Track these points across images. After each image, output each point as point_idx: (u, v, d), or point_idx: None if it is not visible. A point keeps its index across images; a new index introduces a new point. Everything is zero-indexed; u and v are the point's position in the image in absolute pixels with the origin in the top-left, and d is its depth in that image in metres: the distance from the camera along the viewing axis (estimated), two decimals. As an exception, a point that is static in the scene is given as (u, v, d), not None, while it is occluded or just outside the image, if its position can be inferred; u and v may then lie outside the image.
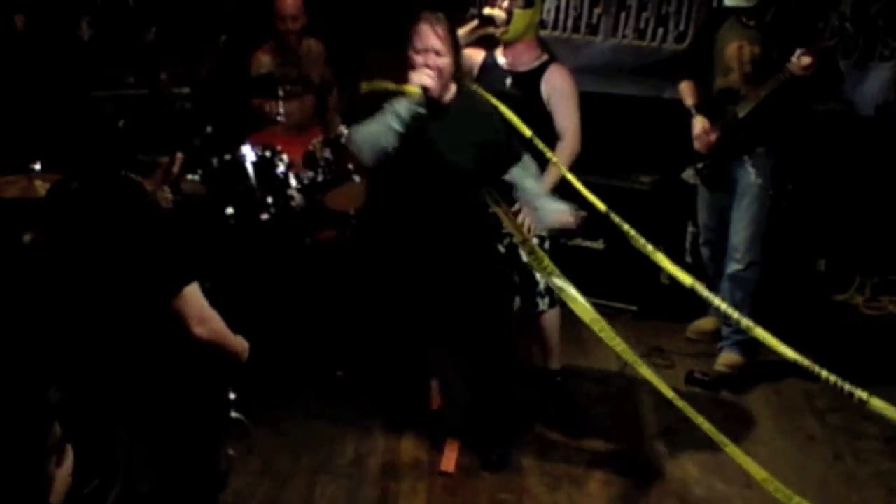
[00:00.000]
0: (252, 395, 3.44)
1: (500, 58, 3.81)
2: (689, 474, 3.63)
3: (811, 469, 3.71)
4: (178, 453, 2.91)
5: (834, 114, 4.82)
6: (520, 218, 3.61)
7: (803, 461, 3.76)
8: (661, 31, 5.24)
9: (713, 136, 4.16)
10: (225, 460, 3.19)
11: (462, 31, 3.68)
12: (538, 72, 3.73)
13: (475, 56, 3.82)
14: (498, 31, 3.69)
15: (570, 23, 5.32)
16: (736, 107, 4.10)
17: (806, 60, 3.81)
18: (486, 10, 3.70)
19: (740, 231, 4.18)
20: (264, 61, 4.94)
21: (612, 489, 3.54)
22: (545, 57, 3.77)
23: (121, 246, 2.69)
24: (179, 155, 2.96)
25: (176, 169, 2.97)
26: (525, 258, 3.68)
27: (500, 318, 3.64)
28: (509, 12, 3.64)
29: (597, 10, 5.28)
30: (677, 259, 4.99)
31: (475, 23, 3.71)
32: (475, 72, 3.80)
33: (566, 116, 3.72)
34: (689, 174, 4.38)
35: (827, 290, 5.16)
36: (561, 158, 3.61)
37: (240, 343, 2.91)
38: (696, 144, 4.23)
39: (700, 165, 4.30)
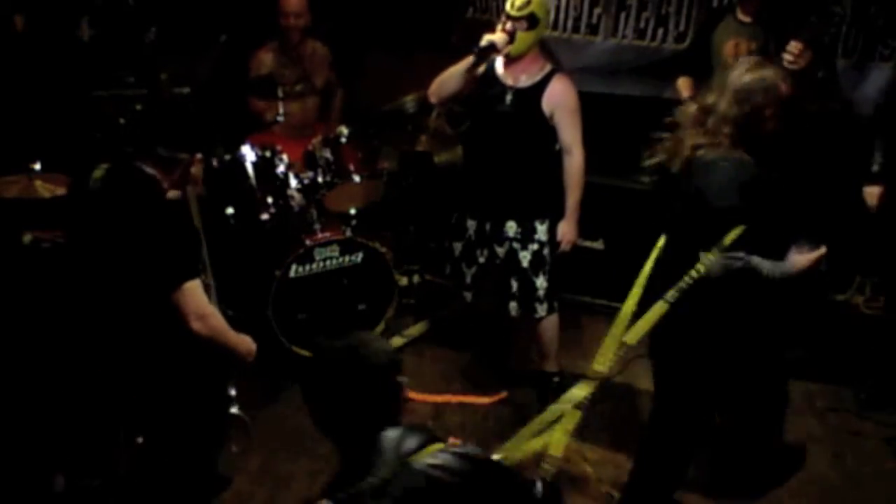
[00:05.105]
0: (252, 395, 3.43)
1: (500, 69, 3.72)
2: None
3: (811, 469, 3.71)
4: (178, 451, 2.91)
5: (834, 114, 4.80)
6: None
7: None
8: (661, 31, 5.23)
9: None
10: (226, 459, 3.19)
11: (458, 68, 3.63)
12: (540, 86, 3.66)
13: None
14: (500, 53, 3.61)
15: (570, 23, 5.32)
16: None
17: (796, 47, 3.76)
18: (486, 38, 3.57)
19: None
20: (266, 60, 4.95)
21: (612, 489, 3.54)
22: (548, 68, 3.70)
23: (127, 236, 2.69)
24: (199, 156, 2.94)
25: (194, 170, 2.94)
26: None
27: None
28: (512, 34, 3.56)
29: (597, 10, 5.28)
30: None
31: (471, 59, 3.58)
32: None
33: (571, 132, 3.71)
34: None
35: (827, 290, 5.16)
36: (573, 174, 3.74)
37: (244, 342, 2.89)
38: None
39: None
